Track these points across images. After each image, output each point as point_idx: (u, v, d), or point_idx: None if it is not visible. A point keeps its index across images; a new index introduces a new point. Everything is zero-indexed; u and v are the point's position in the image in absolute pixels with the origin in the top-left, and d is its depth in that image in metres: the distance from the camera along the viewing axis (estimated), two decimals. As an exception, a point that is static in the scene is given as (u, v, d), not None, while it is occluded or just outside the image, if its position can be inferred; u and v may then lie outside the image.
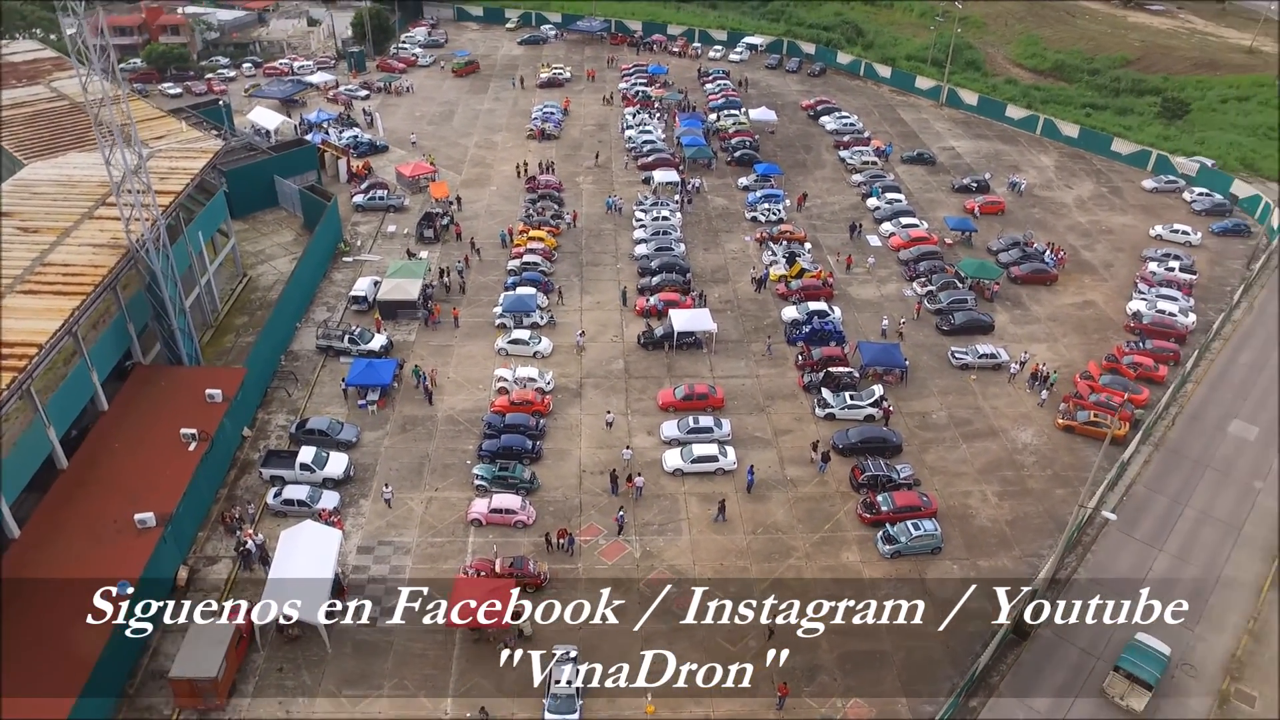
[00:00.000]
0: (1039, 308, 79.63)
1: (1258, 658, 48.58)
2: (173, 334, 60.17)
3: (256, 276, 79.10)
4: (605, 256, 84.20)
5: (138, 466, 52.05)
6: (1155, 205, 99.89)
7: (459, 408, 64.29)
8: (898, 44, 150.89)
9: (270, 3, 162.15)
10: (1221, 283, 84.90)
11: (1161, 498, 59.71)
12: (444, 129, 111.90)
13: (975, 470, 60.77)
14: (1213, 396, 69.57)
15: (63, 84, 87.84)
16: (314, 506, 54.15)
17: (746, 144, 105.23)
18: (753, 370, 69.20)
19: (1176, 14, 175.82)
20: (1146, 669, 45.55)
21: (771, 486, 58.19)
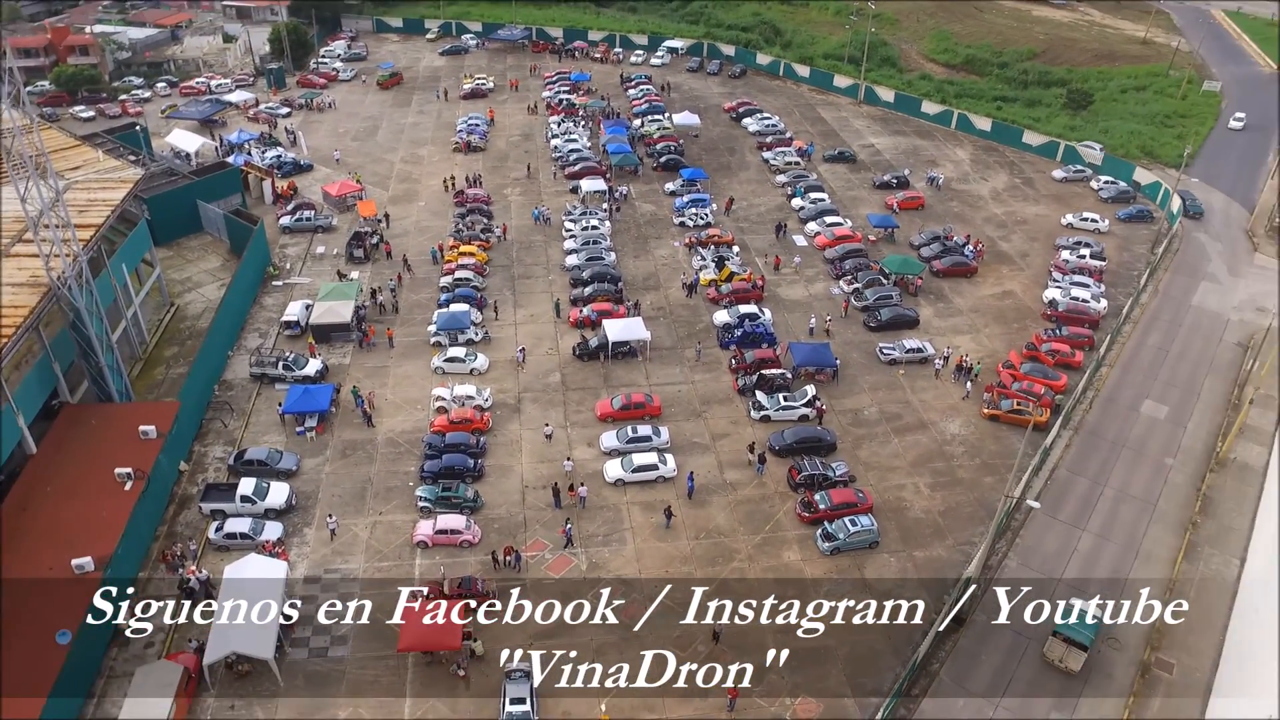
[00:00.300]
0: (961, 300, 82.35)
1: (1174, 628, 51.25)
2: (101, 371, 59.18)
3: (184, 305, 77.96)
4: (537, 269, 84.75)
5: (72, 510, 51.19)
6: (1065, 194, 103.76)
7: (399, 429, 64.40)
8: (815, 43, 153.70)
9: (183, 19, 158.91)
10: (1129, 267, 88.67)
11: (1083, 479, 62.50)
12: (369, 145, 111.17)
13: (907, 463, 62.86)
14: (1125, 379, 72.87)
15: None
16: (257, 539, 53.91)
17: (671, 149, 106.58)
18: (688, 376, 70.49)
19: (1076, 7, 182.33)
20: (1082, 632, 48.57)
21: (712, 491, 59.51)
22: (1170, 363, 75.15)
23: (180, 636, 48.96)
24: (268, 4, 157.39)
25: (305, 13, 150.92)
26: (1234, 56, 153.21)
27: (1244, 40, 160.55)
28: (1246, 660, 44.12)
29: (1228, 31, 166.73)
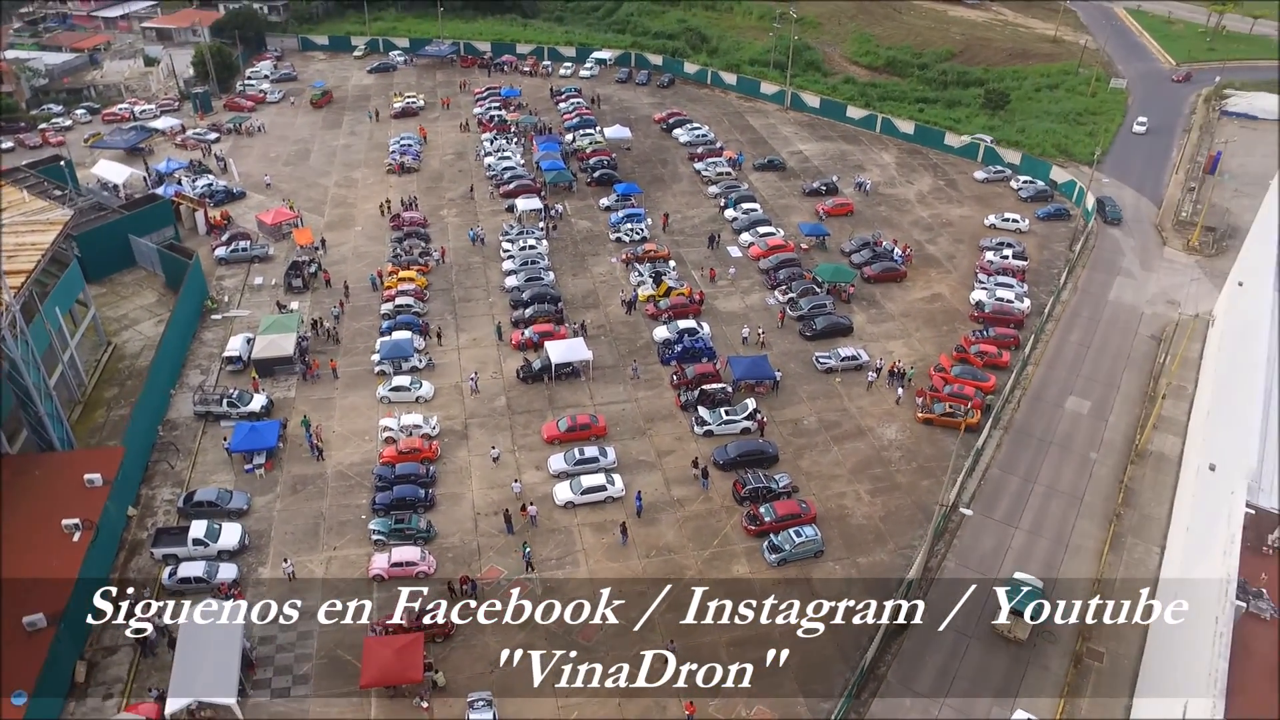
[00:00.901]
0: (892, 305, 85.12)
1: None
2: (40, 420, 58.67)
3: (121, 344, 77.15)
4: (477, 291, 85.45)
5: (20, 565, 50.81)
6: (987, 195, 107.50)
7: (348, 461, 64.83)
8: (740, 48, 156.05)
9: (100, 41, 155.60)
10: (1050, 265, 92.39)
11: (1014, 478, 65.44)
12: (301, 169, 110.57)
13: (847, 471, 65.15)
14: (1050, 376, 76.23)
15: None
16: (212, 581, 54.06)
17: (605, 163, 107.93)
18: (631, 394, 71.97)
19: (990, 6, 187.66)
20: (1029, 599, 52.63)
21: (660, 508, 61.08)
22: (1091, 358, 78.73)
23: (139, 686, 49.02)
24: (189, 25, 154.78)
25: (228, 33, 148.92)
26: (1137, 53, 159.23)
27: (1145, 37, 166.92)
28: (1167, 648, 46.97)
29: (1130, 29, 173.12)
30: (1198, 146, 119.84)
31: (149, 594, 54.33)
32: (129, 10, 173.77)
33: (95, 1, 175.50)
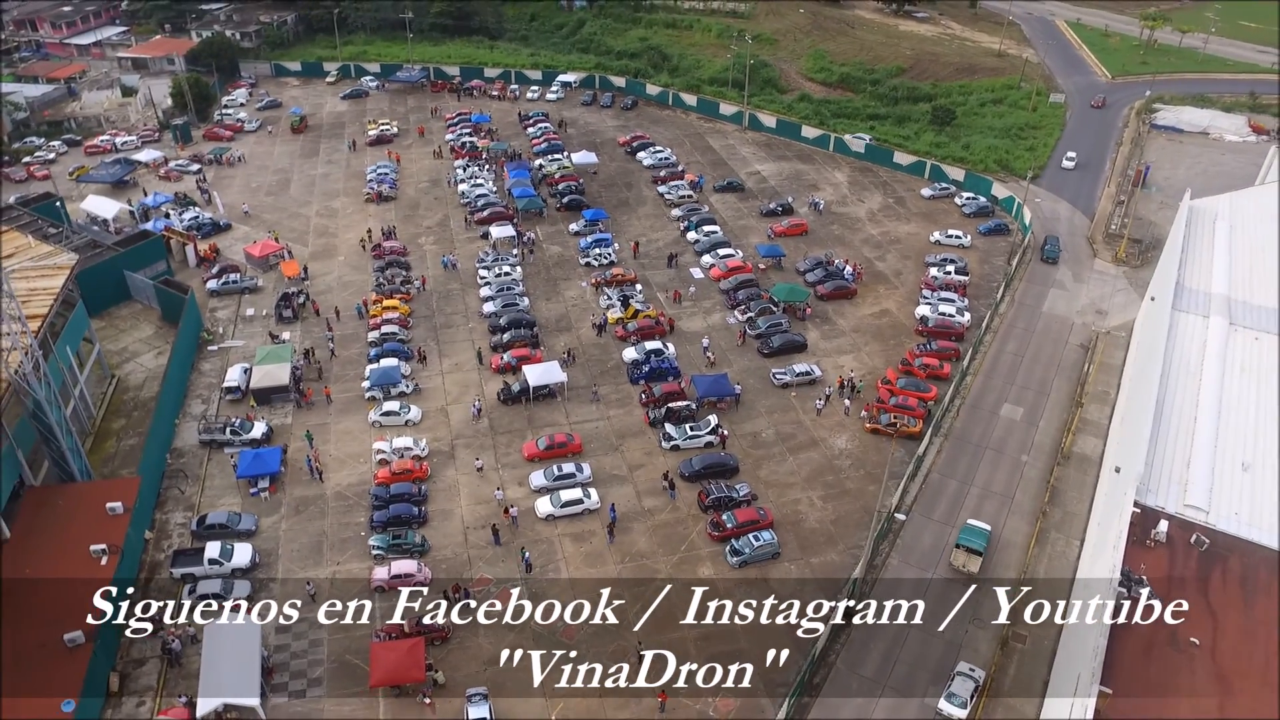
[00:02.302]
0: (843, 321, 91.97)
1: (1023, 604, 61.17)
2: (63, 454, 63.93)
3: (124, 376, 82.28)
4: (457, 317, 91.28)
5: (54, 588, 56.18)
6: (934, 211, 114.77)
7: (345, 482, 70.59)
8: (700, 66, 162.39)
9: (75, 70, 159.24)
10: (989, 280, 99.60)
11: (952, 481, 72.40)
12: (283, 199, 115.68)
13: (802, 479, 71.82)
14: (987, 385, 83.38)
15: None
16: (229, 598, 59.66)
17: (573, 189, 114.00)
18: (604, 413, 78.22)
19: (939, 20, 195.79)
20: (977, 541, 63.47)
21: (632, 518, 67.42)
22: (1025, 367, 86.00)
23: (168, 693, 54.62)
24: (165, 55, 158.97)
25: (204, 61, 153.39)
26: (1076, 66, 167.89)
27: (1084, 50, 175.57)
28: (1073, 629, 53.93)
29: (1070, 42, 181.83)
30: (1129, 160, 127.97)
31: (171, 614, 59.84)
32: (101, 37, 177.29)
33: (67, 29, 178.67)
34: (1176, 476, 53.48)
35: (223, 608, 58.97)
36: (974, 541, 63.73)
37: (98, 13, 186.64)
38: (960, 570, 62.91)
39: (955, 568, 63.20)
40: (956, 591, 61.77)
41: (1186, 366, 62.24)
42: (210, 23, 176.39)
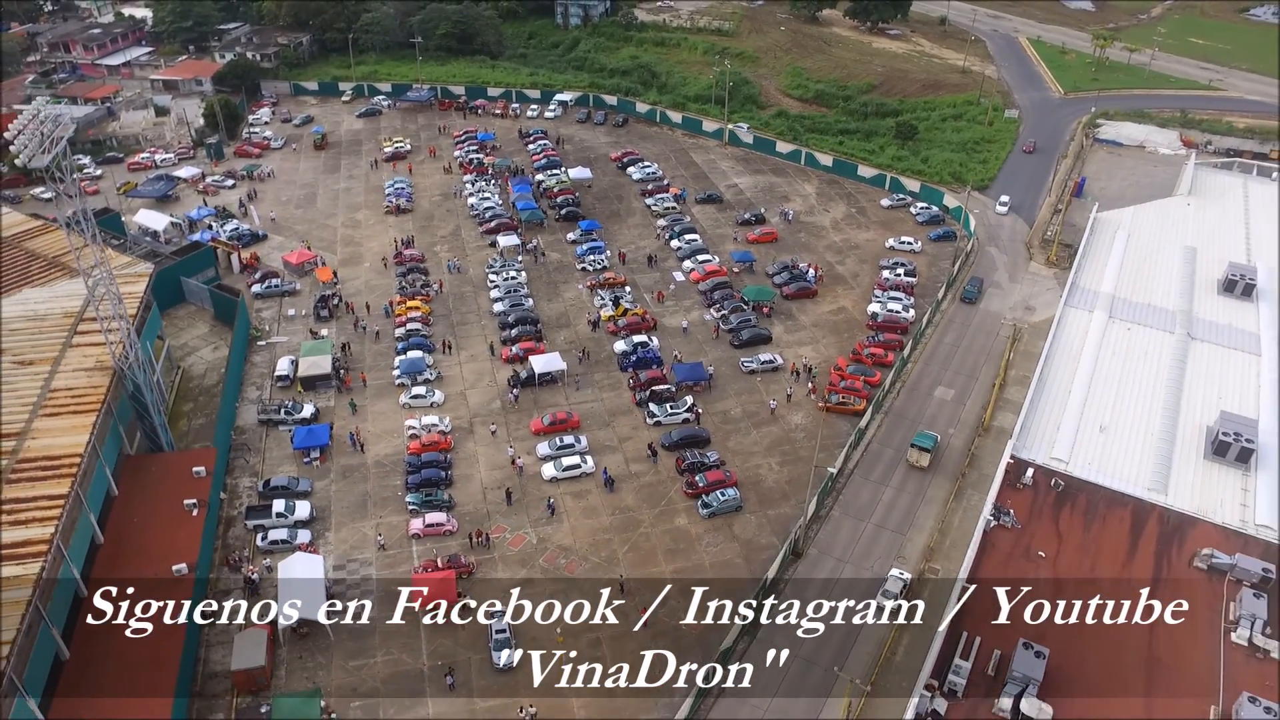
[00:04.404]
0: (805, 317, 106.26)
1: (941, 544, 75.57)
2: (154, 429, 78.11)
3: (188, 367, 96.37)
4: (471, 315, 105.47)
5: (159, 533, 70.34)
6: (891, 220, 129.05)
7: (383, 454, 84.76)
8: (686, 84, 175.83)
9: (110, 90, 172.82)
10: (935, 280, 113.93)
11: (889, 449, 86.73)
12: (310, 211, 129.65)
13: (763, 449, 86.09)
14: (925, 370, 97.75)
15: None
16: (294, 542, 73.86)
17: (570, 201, 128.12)
18: (597, 395, 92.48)
19: (910, 37, 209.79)
20: (926, 443, 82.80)
21: (622, 480, 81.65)
22: (960, 355, 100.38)
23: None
24: (193, 77, 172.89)
25: (229, 82, 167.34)
26: (1033, 82, 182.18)
27: (1041, 66, 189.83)
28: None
29: (1030, 58, 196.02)
30: (1070, 172, 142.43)
31: (248, 554, 74.04)
32: (130, 58, 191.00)
33: (98, 51, 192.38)
34: (1046, 436, 67.90)
35: (294, 550, 73.21)
36: (924, 443, 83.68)
37: (125, 34, 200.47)
38: (914, 465, 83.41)
39: (910, 463, 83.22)
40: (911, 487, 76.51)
41: (1069, 351, 76.63)
42: (232, 44, 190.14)
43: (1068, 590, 55.99)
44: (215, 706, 63.12)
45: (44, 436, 68.27)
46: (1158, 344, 77.48)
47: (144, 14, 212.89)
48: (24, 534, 59.73)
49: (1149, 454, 66.15)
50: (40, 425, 69.54)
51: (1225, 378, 73.73)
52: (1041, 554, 58.53)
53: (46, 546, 58.85)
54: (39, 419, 70.21)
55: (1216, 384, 72.98)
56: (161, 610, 63.22)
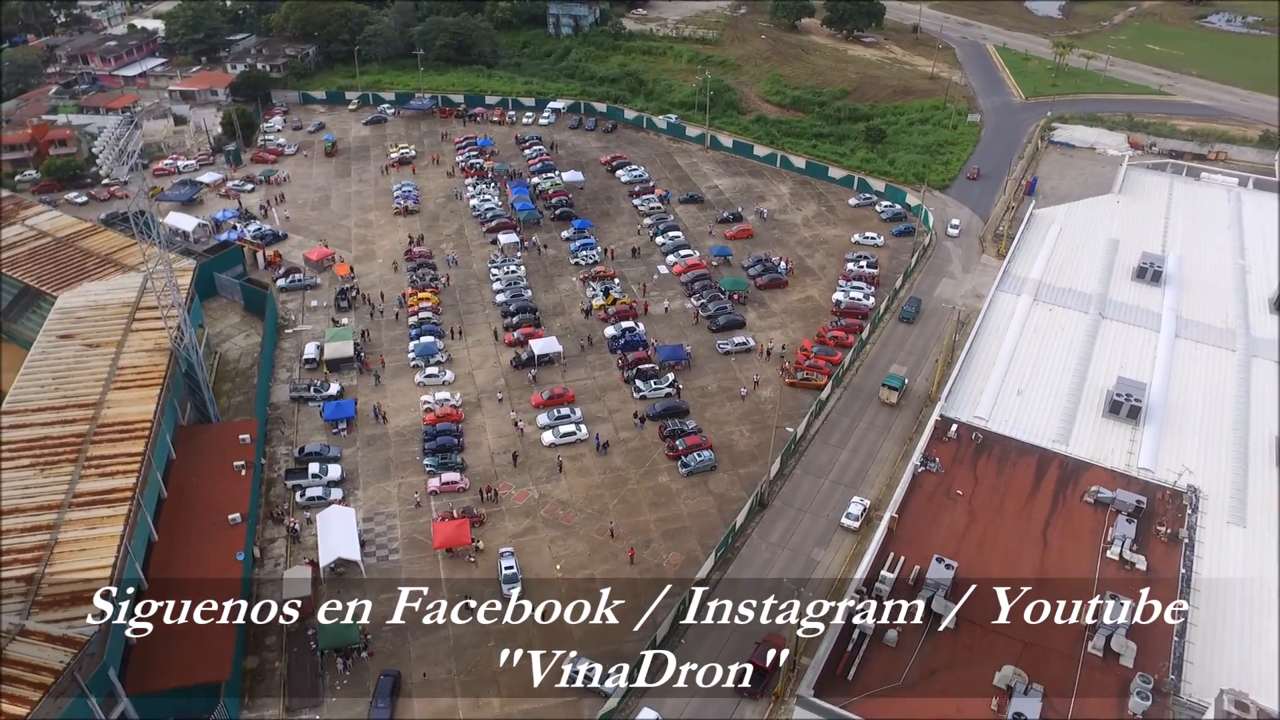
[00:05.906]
0: (775, 305, 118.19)
1: (888, 497, 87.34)
2: (204, 402, 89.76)
3: (224, 352, 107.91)
4: (476, 305, 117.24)
5: (214, 489, 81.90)
6: (857, 218, 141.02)
7: (401, 425, 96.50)
8: (671, 90, 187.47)
9: (130, 100, 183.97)
10: (895, 272, 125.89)
11: (845, 419, 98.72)
12: (325, 213, 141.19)
13: (735, 418, 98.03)
14: (882, 351, 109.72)
15: (36, 221, 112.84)
16: (328, 499, 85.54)
17: (563, 202, 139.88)
18: (590, 374, 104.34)
19: (884, 44, 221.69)
20: (896, 382, 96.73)
21: (612, 445, 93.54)
22: (913, 338, 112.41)
23: (294, 559, 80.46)
24: (208, 87, 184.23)
25: (243, 92, 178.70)
26: (996, 88, 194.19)
27: (1005, 72, 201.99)
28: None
29: (995, 64, 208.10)
30: (1024, 172, 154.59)
31: (288, 509, 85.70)
32: (145, 69, 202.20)
33: (115, 62, 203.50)
34: (971, 399, 79.99)
35: (329, 504, 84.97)
36: (894, 383, 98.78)
37: (139, 46, 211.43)
38: (884, 402, 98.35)
39: (881, 400, 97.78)
40: (864, 450, 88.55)
41: (996, 329, 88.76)
42: (242, 55, 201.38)
43: (979, 520, 68.11)
44: (269, 629, 74.89)
45: (117, 406, 79.89)
46: (1073, 323, 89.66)
47: (155, 25, 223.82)
48: (111, 484, 71.38)
49: (1056, 412, 78.31)
50: (113, 397, 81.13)
51: (1127, 350, 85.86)
52: (959, 493, 70.58)
53: (131, 492, 70.49)
54: (111, 391, 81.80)
55: (1120, 356, 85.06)
56: (221, 550, 74.95)
